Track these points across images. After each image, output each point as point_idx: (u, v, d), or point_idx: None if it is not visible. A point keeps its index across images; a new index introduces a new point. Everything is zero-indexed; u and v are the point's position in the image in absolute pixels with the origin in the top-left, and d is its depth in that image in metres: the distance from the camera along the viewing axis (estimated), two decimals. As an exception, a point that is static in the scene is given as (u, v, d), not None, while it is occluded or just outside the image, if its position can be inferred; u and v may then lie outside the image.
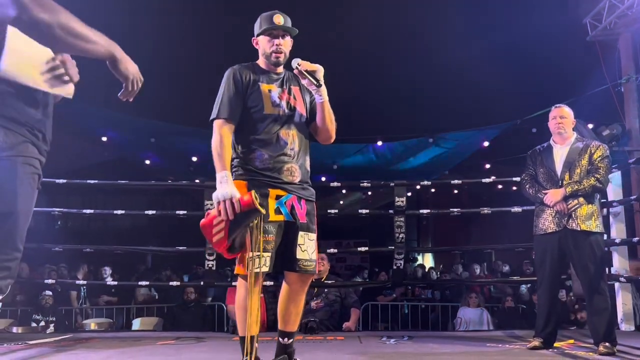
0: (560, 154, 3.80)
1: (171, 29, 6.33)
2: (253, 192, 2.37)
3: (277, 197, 2.51)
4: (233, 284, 2.64)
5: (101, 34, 1.67)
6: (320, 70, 2.53)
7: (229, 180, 2.42)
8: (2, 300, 1.70)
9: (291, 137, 2.56)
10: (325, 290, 5.21)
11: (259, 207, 2.32)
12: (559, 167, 3.76)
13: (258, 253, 2.39)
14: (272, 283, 4.88)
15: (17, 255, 1.65)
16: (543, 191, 3.75)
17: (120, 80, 1.78)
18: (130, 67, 1.78)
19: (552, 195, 3.70)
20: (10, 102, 1.63)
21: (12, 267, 1.64)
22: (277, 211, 2.50)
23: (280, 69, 2.68)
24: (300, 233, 2.53)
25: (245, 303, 2.45)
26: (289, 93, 2.65)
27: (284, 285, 2.71)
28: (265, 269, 2.45)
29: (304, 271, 2.55)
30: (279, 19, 2.57)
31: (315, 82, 2.49)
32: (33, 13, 1.47)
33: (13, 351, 3.75)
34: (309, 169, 2.67)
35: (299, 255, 2.51)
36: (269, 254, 2.46)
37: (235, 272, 2.55)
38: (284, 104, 2.59)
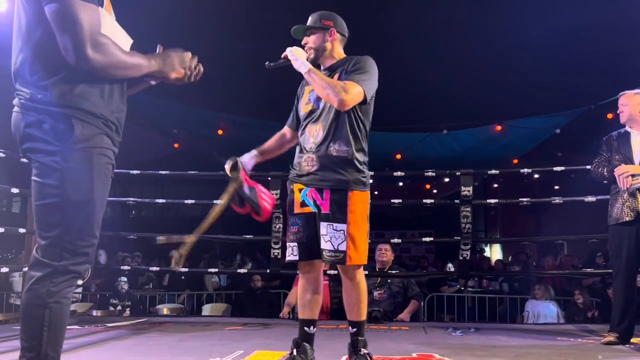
0: (638, 141, 3.60)
1: (240, 21, 6.41)
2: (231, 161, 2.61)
3: (300, 191, 2.63)
4: (298, 271, 2.77)
5: (138, 54, 1.81)
6: (289, 51, 2.60)
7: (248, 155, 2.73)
8: (82, 285, 1.81)
9: (315, 131, 2.60)
10: (389, 280, 5.20)
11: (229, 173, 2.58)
12: (637, 154, 3.57)
13: (289, 242, 2.65)
14: (336, 271, 4.92)
15: (93, 242, 1.75)
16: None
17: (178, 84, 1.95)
18: (175, 66, 1.90)
19: (624, 166, 3.52)
20: (87, 96, 1.72)
21: (90, 253, 1.74)
22: (303, 204, 2.61)
23: (329, 63, 2.70)
24: (322, 224, 2.54)
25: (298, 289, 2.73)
26: None
27: None
28: (294, 257, 2.63)
29: (327, 261, 2.58)
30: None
31: (283, 61, 2.62)
32: (91, 64, 1.65)
33: (94, 333, 4.00)
34: (342, 154, 2.53)
35: (322, 245, 2.54)
36: (295, 244, 2.62)
37: None
38: (317, 97, 2.63)
